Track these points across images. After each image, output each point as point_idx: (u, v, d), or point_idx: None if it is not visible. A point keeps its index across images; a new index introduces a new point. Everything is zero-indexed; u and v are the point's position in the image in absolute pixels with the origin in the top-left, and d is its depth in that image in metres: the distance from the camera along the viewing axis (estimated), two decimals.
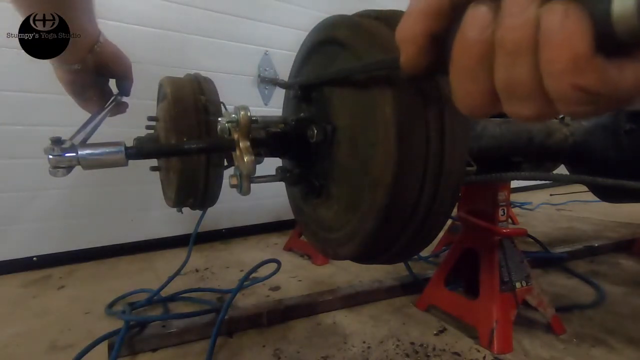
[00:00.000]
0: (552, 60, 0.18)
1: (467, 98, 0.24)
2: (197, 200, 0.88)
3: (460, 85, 0.23)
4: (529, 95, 0.20)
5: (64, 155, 0.48)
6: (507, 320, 0.93)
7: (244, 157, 0.55)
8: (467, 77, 0.23)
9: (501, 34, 0.20)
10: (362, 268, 1.46)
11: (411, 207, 0.50)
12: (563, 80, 0.18)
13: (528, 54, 0.19)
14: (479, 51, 0.21)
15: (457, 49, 0.23)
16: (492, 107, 0.23)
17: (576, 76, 0.17)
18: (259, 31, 2.04)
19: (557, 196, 3.17)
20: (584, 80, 0.17)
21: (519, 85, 0.20)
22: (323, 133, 0.59)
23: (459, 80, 0.23)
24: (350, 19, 0.56)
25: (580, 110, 0.19)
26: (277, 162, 0.80)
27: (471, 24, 0.21)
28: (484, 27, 0.21)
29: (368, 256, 0.59)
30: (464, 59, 0.22)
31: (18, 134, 1.51)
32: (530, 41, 0.19)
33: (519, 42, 0.19)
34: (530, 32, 0.19)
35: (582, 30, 0.17)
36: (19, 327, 1.08)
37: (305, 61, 0.71)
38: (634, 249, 1.71)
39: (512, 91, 0.21)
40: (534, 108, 0.21)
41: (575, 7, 0.17)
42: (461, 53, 0.22)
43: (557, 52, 0.18)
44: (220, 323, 0.95)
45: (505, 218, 1.01)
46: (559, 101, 0.19)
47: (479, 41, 0.21)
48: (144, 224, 1.82)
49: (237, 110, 0.55)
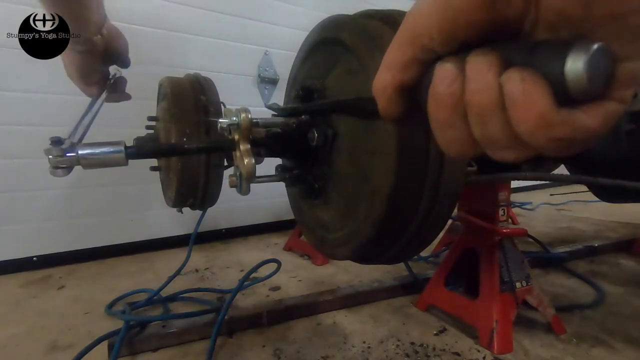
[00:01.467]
0: (521, 121, 0.19)
1: (449, 146, 0.24)
2: (197, 201, 0.88)
3: (441, 134, 0.24)
4: (507, 146, 0.21)
5: (65, 155, 0.48)
6: (507, 320, 0.93)
7: (244, 159, 0.55)
8: (445, 126, 0.23)
9: (468, 97, 0.21)
10: (362, 268, 1.46)
11: (409, 215, 0.50)
12: (538, 136, 0.19)
13: (497, 114, 0.20)
14: (451, 104, 0.22)
15: (431, 102, 0.23)
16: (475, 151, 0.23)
17: (548, 131, 0.18)
18: (259, 31, 2.04)
19: (557, 196, 3.17)
20: (556, 132, 0.18)
21: (496, 139, 0.21)
22: (324, 137, 0.59)
23: (438, 129, 0.24)
24: (356, 22, 0.56)
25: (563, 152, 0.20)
26: (277, 162, 0.80)
27: (440, 79, 0.22)
28: (452, 82, 0.22)
29: (365, 258, 0.60)
30: (439, 111, 0.23)
31: (18, 134, 1.51)
32: (496, 103, 0.20)
33: (485, 105, 0.20)
34: (494, 95, 0.20)
35: (541, 92, 0.18)
36: (19, 327, 1.08)
37: (307, 59, 0.71)
38: (634, 249, 1.71)
39: (490, 144, 0.22)
40: (517, 154, 0.21)
41: (530, 72, 0.18)
42: (436, 106, 0.23)
43: (524, 114, 0.19)
44: (220, 323, 0.95)
45: (505, 218, 1.01)
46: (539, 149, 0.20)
47: (450, 95, 0.22)
48: (144, 224, 1.82)
49: (238, 113, 0.55)
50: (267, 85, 2.09)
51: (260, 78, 2.06)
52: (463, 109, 0.22)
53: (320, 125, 0.60)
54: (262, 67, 2.06)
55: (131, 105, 0.82)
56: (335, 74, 0.61)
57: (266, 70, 2.07)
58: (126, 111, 1.65)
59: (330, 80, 0.62)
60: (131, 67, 0.79)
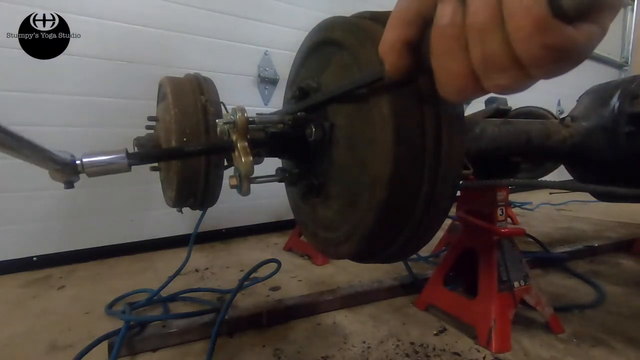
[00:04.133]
0: (519, 28, 0.21)
1: (449, 80, 0.26)
2: (197, 200, 0.88)
3: (441, 68, 0.26)
4: (504, 65, 0.23)
5: (71, 164, 0.49)
6: (505, 319, 0.93)
7: (242, 157, 0.55)
8: (446, 58, 0.25)
9: (470, 17, 0.23)
10: (362, 268, 1.46)
11: (410, 202, 0.50)
12: (532, 42, 0.21)
13: (496, 29, 0.22)
14: (453, 34, 0.24)
15: (434, 37, 0.26)
16: (473, 87, 0.26)
17: (542, 35, 0.21)
18: (259, 31, 2.04)
19: (557, 196, 3.17)
20: (549, 38, 0.21)
21: (494, 58, 0.23)
22: (321, 130, 0.59)
23: (440, 63, 0.26)
24: (346, 20, 0.57)
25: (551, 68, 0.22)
26: (277, 162, 0.80)
27: (442, 14, 0.25)
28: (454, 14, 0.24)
29: (368, 254, 0.59)
30: (441, 43, 0.25)
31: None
32: (496, 18, 0.22)
33: (486, 20, 0.22)
34: (494, 10, 0.22)
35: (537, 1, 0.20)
36: (19, 327, 1.08)
37: (303, 62, 0.72)
38: (634, 249, 1.72)
39: (489, 65, 0.24)
40: (511, 77, 0.23)
41: None
42: (438, 39, 0.25)
43: (522, 20, 0.21)
44: (220, 323, 0.95)
45: (504, 218, 1.01)
46: (531, 64, 0.22)
47: (451, 25, 0.24)
48: (144, 224, 1.83)
49: (234, 112, 0.56)
50: (267, 85, 2.10)
51: (260, 78, 2.06)
52: (464, 39, 0.24)
53: (316, 120, 0.61)
54: (262, 67, 2.07)
55: (131, 105, 0.82)
56: (329, 71, 0.62)
57: (266, 70, 2.07)
58: (126, 111, 1.65)
59: (325, 77, 0.63)
60: (131, 67, 0.79)
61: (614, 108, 1.05)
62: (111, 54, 1.64)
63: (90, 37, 1.58)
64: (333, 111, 0.59)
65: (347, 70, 0.56)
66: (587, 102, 1.17)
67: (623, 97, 1.05)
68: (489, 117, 1.06)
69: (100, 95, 1.62)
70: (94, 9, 1.59)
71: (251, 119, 0.59)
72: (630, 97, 1.03)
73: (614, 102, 1.06)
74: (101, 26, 1.62)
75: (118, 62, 1.65)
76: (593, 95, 1.17)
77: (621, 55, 4.69)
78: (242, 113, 0.56)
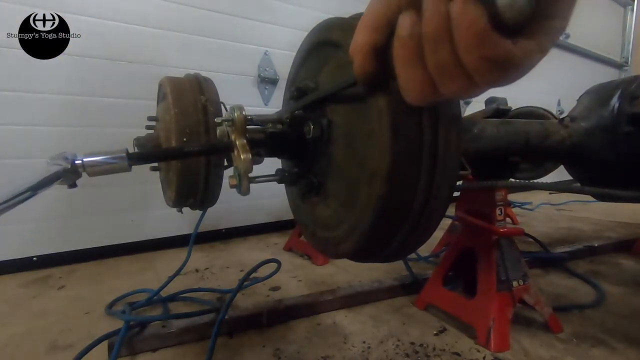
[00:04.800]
0: (462, 40, 0.23)
1: (409, 85, 0.28)
2: (197, 200, 0.88)
3: (403, 73, 0.28)
4: (453, 74, 0.25)
5: (71, 163, 0.49)
6: (504, 319, 0.93)
7: (241, 155, 0.55)
8: (407, 64, 0.27)
9: (424, 28, 0.25)
10: (362, 268, 1.46)
11: (409, 196, 0.50)
12: (473, 54, 0.23)
13: (446, 40, 0.24)
14: (411, 44, 0.26)
15: (396, 46, 0.28)
16: (431, 92, 0.27)
17: (481, 48, 0.22)
18: (259, 31, 2.04)
19: (557, 196, 3.17)
20: (487, 50, 0.22)
21: (445, 66, 0.25)
22: (319, 128, 0.60)
23: (401, 68, 0.28)
24: (343, 21, 0.58)
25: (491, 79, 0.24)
26: (277, 163, 0.80)
27: (402, 25, 0.27)
28: (413, 25, 0.26)
29: (367, 252, 0.59)
30: (401, 51, 0.27)
31: (18, 134, 1.51)
32: (445, 29, 0.24)
33: (436, 31, 0.24)
34: (444, 22, 0.24)
35: (478, 14, 0.22)
36: (19, 327, 1.08)
37: (302, 63, 0.72)
38: (634, 249, 1.72)
39: (441, 73, 0.25)
40: (460, 84, 0.25)
41: None
42: (399, 48, 0.27)
43: (464, 32, 0.22)
44: (220, 323, 0.95)
45: (503, 217, 1.01)
46: (475, 73, 0.24)
47: (410, 36, 0.26)
48: (144, 224, 1.83)
49: (232, 110, 0.56)
50: (267, 85, 2.10)
51: (260, 78, 2.06)
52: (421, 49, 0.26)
53: (314, 117, 0.61)
54: (262, 67, 2.07)
55: (131, 105, 0.82)
56: (326, 71, 0.63)
57: (266, 70, 2.07)
58: (127, 111, 1.65)
59: (322, 77, 0.64)
60: (131, 67, 0.79)
61: (614, 108, 1.05)
62: (111, 54, 1.64)
63: (90, 37, 1.57)
64: (331, 109, 0.59)
65: (344, 69, 0.56)
66: (587, 102, 1.17)
67: (623, 97, 1.05)
68: (488, 117, 1.06)
69: (100, 95, 1.62)
70: (94, 9, 1.59)
71: (249, 117, 0.59)
72: (630, 98, 1.03)
73: (614, 102, 1.06)
74: (101, 26, 1.62)
75: (118, 62, 1.65)
76: (593, 95, 1.17)
77: (621, 55, 4.69)
78: (240, 111, 0.56)
